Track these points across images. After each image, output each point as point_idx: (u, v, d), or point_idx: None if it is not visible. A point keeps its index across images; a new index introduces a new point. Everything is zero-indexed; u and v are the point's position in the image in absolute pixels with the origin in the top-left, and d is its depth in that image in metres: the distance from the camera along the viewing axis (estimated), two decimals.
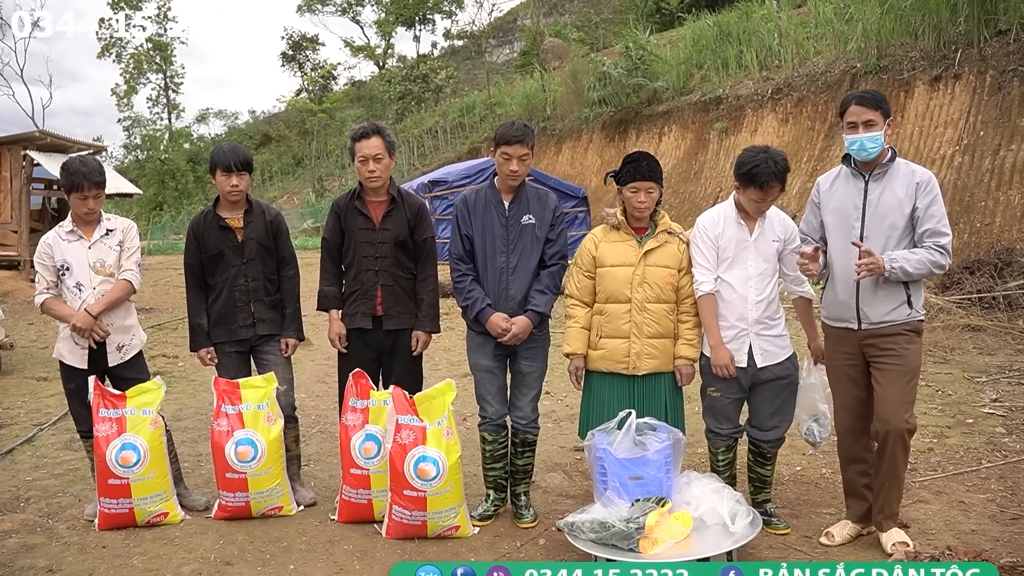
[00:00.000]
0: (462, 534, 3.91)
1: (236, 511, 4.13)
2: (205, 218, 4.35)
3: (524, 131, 3.93)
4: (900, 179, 3.55)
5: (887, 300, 3.53)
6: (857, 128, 3.52)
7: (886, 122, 3.54)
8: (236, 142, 6.85)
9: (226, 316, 4.30)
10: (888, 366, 3.53)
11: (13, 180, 15.65)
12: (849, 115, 3.56)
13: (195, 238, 4.33)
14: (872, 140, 3.50)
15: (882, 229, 3.53)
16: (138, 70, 52.86)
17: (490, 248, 4.02)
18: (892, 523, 3.64)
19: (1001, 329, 8.27)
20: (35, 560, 3.75)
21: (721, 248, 3.78)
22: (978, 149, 11.52)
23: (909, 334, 3.55)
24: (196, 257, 4.34)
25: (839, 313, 3.67)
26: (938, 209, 3.50)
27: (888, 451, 3.54)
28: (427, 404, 3.97)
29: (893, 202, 3.52)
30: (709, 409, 3.92)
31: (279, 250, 4.41)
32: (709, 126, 18.16)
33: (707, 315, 3.79)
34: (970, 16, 12.14)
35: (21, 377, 8.07)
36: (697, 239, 3.83)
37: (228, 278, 4.29)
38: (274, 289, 4.39)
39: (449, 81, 42.88)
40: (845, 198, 3.65)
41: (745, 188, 3.70)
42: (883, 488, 3.61)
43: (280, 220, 4.47)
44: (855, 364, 3.66)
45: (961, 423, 5.49)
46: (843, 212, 3.64)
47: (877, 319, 3.55)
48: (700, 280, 3.79)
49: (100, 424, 4.03)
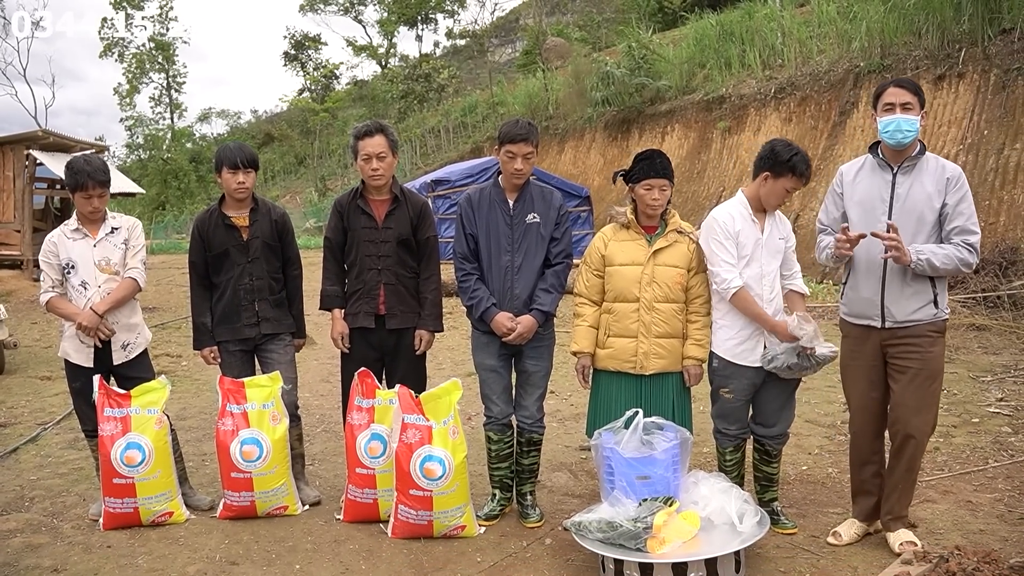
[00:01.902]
0: (468, 534, 3.90)
1: (241, 511, 4.13)
2: (210, 216, 4.34)
3: (528, 129, 3.92)
4: (929, 173, 3.47)
5: (914, 298, 3.46)
6: (894, 109, 3.43)
7: (921, 112, 3.46)
8: (239, 141, 6.86)
9: (230, 315, 4.29)
10: (911, 368, 3.46)
11: (16, 179, 15.64)
12: (887, 96, 3.47)
13: (200, 236, 4.32)
14: (909, 122, 3.41)
15: (910, 223, 3.44)
16: (140, 70, 52.89)
17: (495, 247, 4.00)
18: (900, 524, 3.61)
19: (1006, 328, 8.25)
20: (40, 559, 3.74)
21: (740, 246, 3.72)
22: (982, 148, 11.50)
23: (933, 335, 3.48)
24: (201, 255, 4.33)
25: (862, 310, 3.58)
26: (968, 207, 3.42)
27: (906, 454, 3.50)
28: (433, 403, 3.95)
29: (922, 196, 3.44)
30: (720, 411, 3.89)
31: (284, 249, 4.40)
32: (712, 125, 18.13)
33: (749, 306, 3.67)
34: (974, 15, 12.11)
35: (25, 376, 8.07)
36: (717, 235, 3.72)
37: (233, 277, 4.28)
38: (279, 288, 4.38)
39: (451, 80, 42.84)
40: (871, 190, 3.56)
41: (779, 177, 3.65)
42: (895, 490, 3.58)
43: (286, 219, 4.47)
44: (875, 365, 3.59)
45: (967, 422, 5.48)
46: (869, 205, 3.55)
47: (903, 318, 3.47)
48: (727, 276, 3.67)
49: (105, 423, 4.02)
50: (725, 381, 3.81)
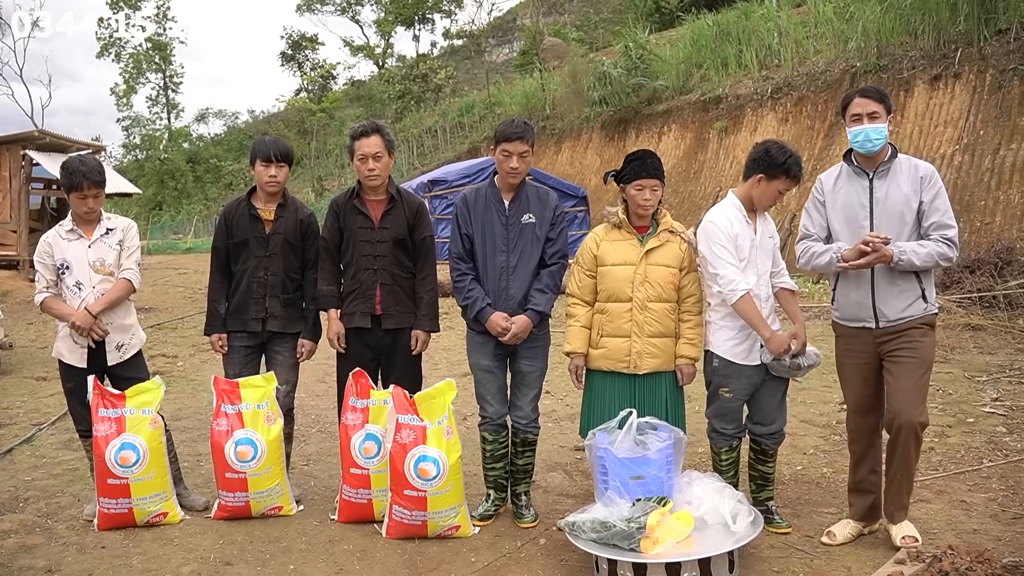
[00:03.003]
0: (462, 534, 3.90)
1: (236, 511, 4.12)
2: (238, 205, 4.37)
3: (524, 128, 3.92)
4: (904, 174, 3.56)
5: (903, 296, 3.53)
6: (862, 119, 3.53)
7: (888, 117, 3.55)
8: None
9: (242, 305, 4.31)
10: (903, 359, 3.52)
11: (12, 180, 15.63)
12: (853, 107, 3.57)
13: (225, 223, 4.35)
14: (877, 131, 3.51)
15: (892, 226, 3.52)
16: (137, 70, 52.84)
17: (490, 247, 4.00)
18: (903, 515, 3.65)
19: (1001, 328, 8.27)
20: (34, 560, 3.73)
21: (738, 248, 3.75)
22: (978, 148, 11.52)
23: (924, 327, 3.56)
24: (224, 242, 4.36)
25: (855, 313, 3.64)
26: (943, 202, 3.52)
27: (901, 444, 3.53)
28: (427, 403, 3.95)
29: (900, 198, 3.53)
30: (718, 410, 3.90)
31: (306, 250, 4.38)
32: (709, 125, 18.15)
33: (752, 313, 3.67)
34: (970, 15, 12.15)
35: (20, 377, 8.06)
36: (718, 239, 3.72)
37: (249, 268, 4.29)
38: (293, 288, 4.36)
39: (448, 81, 42.84)
40: (851, 197, 3.64)
41: (772, 179, 3.70)
42: (894, 481, 3.62)
43: (312, 221, 4.42)
44: (868, 363, 3.65)
45: (962, 422, 5.48)
46: (851, 212, 3.63)
47: (895, 316, 3.54)
48: (734, 279, 3.67)
49: (99, 424, 4.01)
50: (725, 380, 3.83)
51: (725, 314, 3.80)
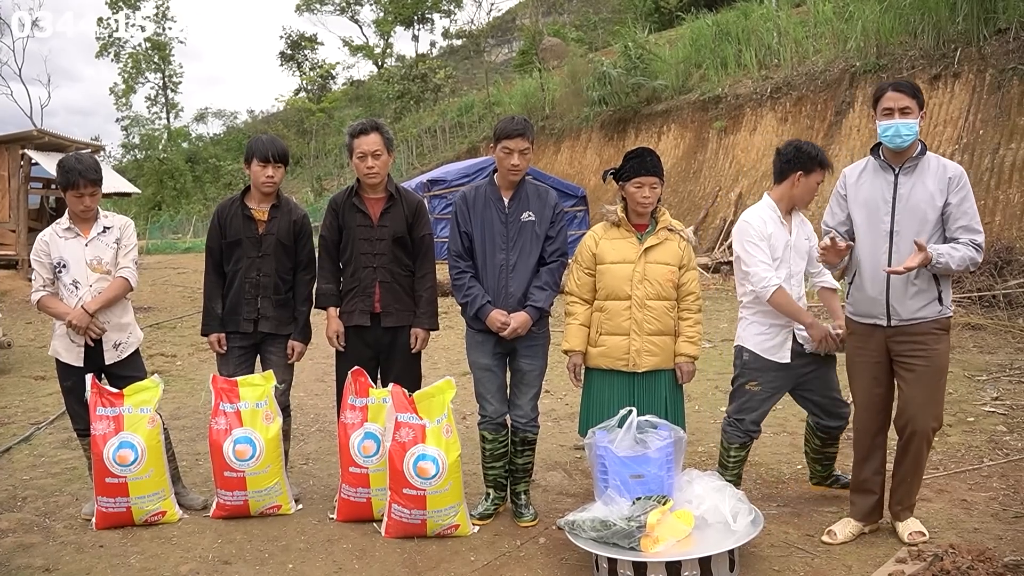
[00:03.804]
0: (462, 533, 3.89)
1: (234, 510, 4.11)
2: (232, 204, 4.36)
3: (524, 125, 3.92)
4: (931, 172, 3.49)
5: (919, 297, 3.48)
6: (893, 114, 3.45)
7: (920, 113, 3.48)
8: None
9: (234, 306, 4.29)
10: (918, 366, 3.49)
11: (11, 179, 15.63)
12: (885, 101, 3.49)
13: (218, 223, 4.33)
14: (908, 127, 3.44)
15: (913, 223, 3.46)
16: (136, 70, 52.84)
17: (489, 245, 3.99)
18: (910, 513, 3.66)
19: (1001, 327, 8.26)
20: (32, 559, 3.72)
21: (772, 248, 3.80)
22: (977, 148, 11.52)
23: (938, 333, 3.51)
24: (217, 241, 4.34)
25: (868, 309, 3.61)
26: (971, 206, 3.45)
27: (913, 448, 3.54)
28: (427, 402, 3.94)
29: (924, 196, 3.46)
30: (743, 404, 3.93)
31: (299, 252, 4.37)
32: (708, 125, 18.15)
33: (789, 304, 3.77)
34: (969, 15, 12.14)
35: (19, 376, 8.05)
36: (751, 238, 3.81)
37: (241, 269, 4.27)
38: (285, 289, 4.35)
39: (448, 80, 42.88)
40: (874, 192, 3.58)
41: (810, 173, 3.83)
42: (904, 482, 3.62)
43: (305, 222, 4.42)
44: (879, 362, 3.62)
45: (962, 421, 5.48)
46: (873, 206, 3.57)
47: (908, 315, 3.50)
48: (765, 275, 3.76)
49: (97, 422, 4.00)
50: (754, 375, 3.88)
51: (757, 311, 3.88)
